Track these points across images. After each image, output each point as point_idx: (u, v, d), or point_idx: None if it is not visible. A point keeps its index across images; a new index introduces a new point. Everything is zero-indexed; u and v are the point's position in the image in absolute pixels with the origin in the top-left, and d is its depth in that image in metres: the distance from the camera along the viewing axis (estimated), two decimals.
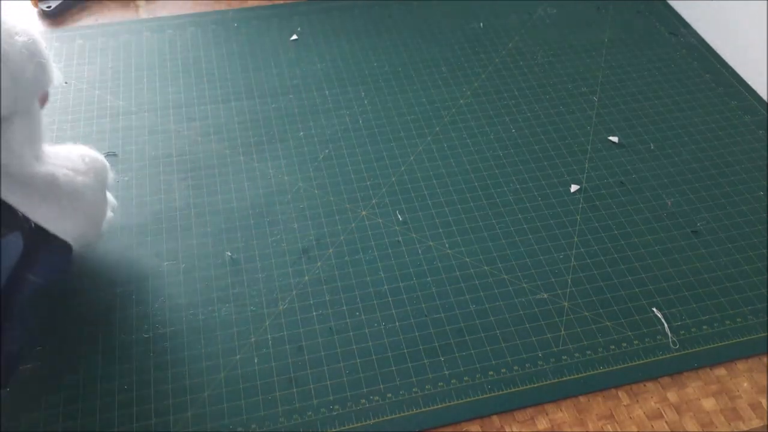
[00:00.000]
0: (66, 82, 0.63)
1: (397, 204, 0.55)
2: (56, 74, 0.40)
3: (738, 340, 0.47)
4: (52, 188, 0.40)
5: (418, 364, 0.45)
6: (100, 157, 0.45)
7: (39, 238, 0.40)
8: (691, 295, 0.49)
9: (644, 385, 0.45)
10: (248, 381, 0.44)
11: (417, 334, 0.46)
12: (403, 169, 0.57)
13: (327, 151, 0.59)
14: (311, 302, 0.48)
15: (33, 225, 0.39)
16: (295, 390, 0.43)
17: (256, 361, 0.45)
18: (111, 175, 0.47)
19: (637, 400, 0.44)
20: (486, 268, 0.50)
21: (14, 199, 0.37)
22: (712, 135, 0.61)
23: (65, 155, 0.43)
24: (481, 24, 0.73)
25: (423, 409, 0.43)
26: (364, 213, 0.54)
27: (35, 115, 0.40)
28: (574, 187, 0.56)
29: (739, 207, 0.55)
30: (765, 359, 0.46)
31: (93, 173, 0.43)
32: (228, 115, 0.61)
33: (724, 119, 0.63)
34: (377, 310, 0.48)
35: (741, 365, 0.46)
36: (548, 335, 0.47)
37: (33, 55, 0.37)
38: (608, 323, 0.47)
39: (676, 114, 0.63)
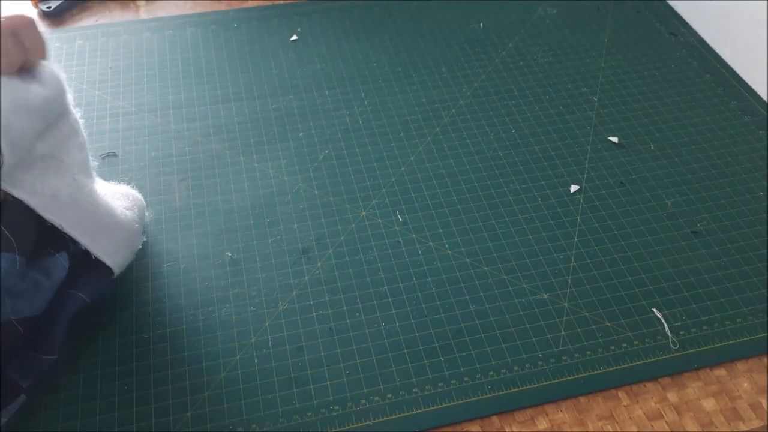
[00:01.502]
0: None
1: (397, 204, 0.55)
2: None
3: (738, 340, 0.47)
4: (111, 220, 0.44)
5: (418, 364, 0.45)
6: (140, 196, 0.50)
7: (83, 259, 0.43)
8: (691, 296, 0.49)
9: (644, 386, 0.45)
10: (248, 381, 0.44)
11: (417, 334, 0.46)
12: (403, 169, 0.57)
13: (327, 151, 0.59)
14: (311, 302, 0.48)
15: (81, 247, 0.42)
16: (295, 390, 0.43)
17: (256, 361, 0.45)
18: (147, 213, 0.51)
19: (637, 401, 0.44)
20: (486, 268, 0.50)
21: (78, 230, 0.41)
22: (712, 135, 0.61)
23: (115, 193, 0.48)
24: (481, 24, 0.73)
25: (423, 410, 0.43)
26: (364, 213, 0.54)
27: (81, 138, 0.43)
28: (574, 188, 0.56)
29: (739, 207, 0.55)
30: (765, 359, 0.46)
31: (137, 209, 0.48)
32: (228, 115, 0.61)
33: (724, 119, 0.63)
34: (377, 310, 0.48)
35: (741, 365, 0.46)
36: (548, 336, 0.47)
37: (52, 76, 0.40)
38: (608, 323, 0.47)
39: (676, 114, 0.63)
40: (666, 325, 0.47)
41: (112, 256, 0.44)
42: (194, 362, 0.45)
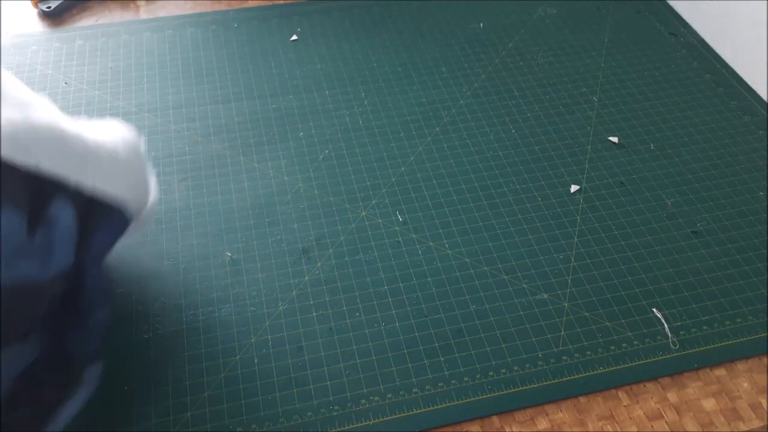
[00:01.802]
0: (66, 83, 0.63)
1: (397, 204, 0.55)
2: None
3: (738, 340, 0.47)
4: (83, 147, 0.38)
5: (418, 364, 0.45)
6: (129, 128, 0.44)
7: (91, 205, 0.38)
8: (691, 296, 0.49)
9: (644, 386, 0.45)
10: (248, 381, 0.44)
11: (417, 334, 0.46)
12: (403, 169, 0.57)
13: (327, 151, 0.59)
14: (311, 302, 0.48)
15: (71, 187, 0.37)
16: (295, 390, 0.43)
17: (256, 361, 0.45)
18: (142, 143, 0.44)
19: (637, 401, 0.44)
20: (486, 268, 0.50)
21: (54, 164, 0.36)
22: (712, 135, 0.61)
23: (90, 123, 0.42)
24: (481, 24, 0.73)
25: (423, 410, 0.43)
26: (364, 213, 0.54)
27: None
28: (574, 188, 0.56)
29: (739, 207, 0.55)
30: (765, 359, 0.46)
31: (122, 141, 0.42)
32: (228, 115, 0.61)
33: (724, 119, 0.63)
34: (377, 310, 0.48)
35: (741, 365, 0.46)
36: (548, 336, 0.47)
37: None
38: (608, 323, 0.47)
39: (676, 114, 0.63)
40: (666, 325, 0.47)
41: (108, 184, 0.39)
42: (194, 362, 0.45)
